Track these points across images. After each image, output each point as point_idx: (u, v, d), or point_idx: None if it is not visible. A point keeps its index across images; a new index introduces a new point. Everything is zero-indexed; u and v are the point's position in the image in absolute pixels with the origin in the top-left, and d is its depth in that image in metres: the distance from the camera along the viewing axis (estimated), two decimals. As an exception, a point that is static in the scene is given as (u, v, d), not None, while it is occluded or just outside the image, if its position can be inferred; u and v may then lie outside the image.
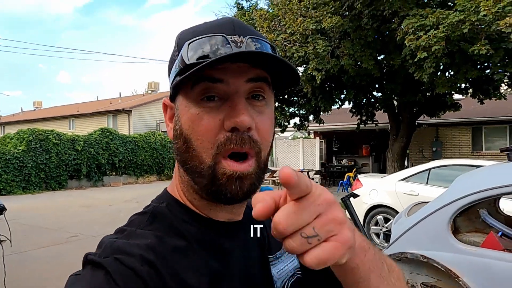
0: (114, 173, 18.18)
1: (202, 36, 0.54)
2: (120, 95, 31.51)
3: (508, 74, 8.18)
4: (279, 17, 9.53)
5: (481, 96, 10.11)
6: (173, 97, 0.59)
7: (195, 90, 0.54)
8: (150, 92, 31.63)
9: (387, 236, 5.89)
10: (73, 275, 0.51)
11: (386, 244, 5.77)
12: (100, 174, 17.40)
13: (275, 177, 13.25)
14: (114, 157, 17.73)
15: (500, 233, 2.74)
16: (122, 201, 11.98)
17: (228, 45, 0.53)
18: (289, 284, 0.64)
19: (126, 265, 0.48)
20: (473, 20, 6.47)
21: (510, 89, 9.90)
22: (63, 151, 15.85)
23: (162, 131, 23.06)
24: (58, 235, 7.16)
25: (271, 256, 0.65)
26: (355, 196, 3.69)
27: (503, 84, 9.59)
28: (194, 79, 0.53)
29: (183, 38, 0.57)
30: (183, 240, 0.56)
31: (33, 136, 15.05)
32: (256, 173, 0.55)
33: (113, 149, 17.68)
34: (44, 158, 15.21)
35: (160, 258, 0.51)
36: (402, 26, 7.58)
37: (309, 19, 8.61)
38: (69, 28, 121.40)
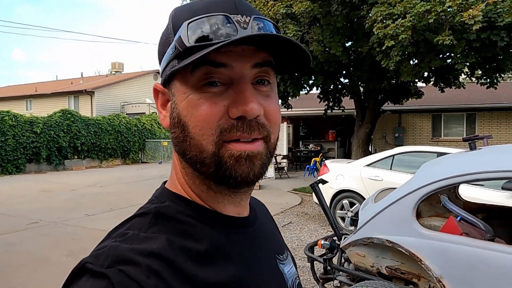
0: (76, 157, 17.56)
1: (202, 16, 0.49)
2: (81, 75, 30.16)
3: (468, 64, 8.52)
4: (249, 0, 9.39)
5: (442, 84, 10.52)
6: (167, 82, 0.54)
7: (195, 75, 0.49)
8: (114, 73, 30.47)
9: (353, 221, 6.08)
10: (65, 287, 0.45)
11: (351, 228, 5.96)
12: (61, 158, 16.74)
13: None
14: (76, 140, 17.09)
15: (459, 218, 2.88)
16: (85, 185, 11.62)
17: (232, 26, 0.48)
18: (296, 285, 0.64)
19: (131, 277, 0.43)
20: (439, 10, 6.65)
21: (469, 78, 10.35)
22: (20, 133, 15.07)
23: (127, 114, 22.40)
24: (16, 222, 6.85)
25: (280, 256, 0.64)
26: (324, 182, 3.75)
27: (462, 74, 10.02)
28: (194, 63, 0.48)
29: (180, 17, 0.51)
30: (192, 241, 0.51)
31: (-13, 117, 14.19)
32: (265, 154, 0.52)
33: (75, 132, 17.02)
34: (-1, 141, 14.42)
35: (168, 266, 0.46)
36: (370, 14, 7.68)
37: (280, 3, 8.54)
38: (24, 2, 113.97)
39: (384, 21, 7.26)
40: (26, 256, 5.05)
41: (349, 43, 9.88)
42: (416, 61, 8.54)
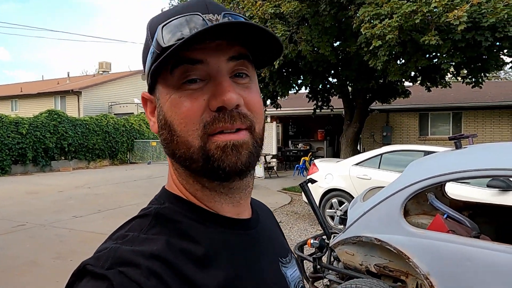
0: (63, 158, 17.31)
1: (175, 17, 0.51)
2: (68, 75, 29.71)
3: (454, 63, 8.64)
4: (237, 0, 9.37)
5: (428, 84, 10.65)
6: (151, 88, 0.56)
7: (175, 75, 0.51)
8: (102, 72, 30.12)
9: (342, 220, 6.13)
10: None
11: (340, 227, 6.00)
12: (47, 159, 16.48)
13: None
14: (63, 140, 16.84)
15: (445, 215, 2.94)
16: (72, 187, 11.46)
17: (204, 23, 0.50)
18: None
19: (132, 279, 0.43)
20: (425, 11, 6.73)
21: (455, 77, 10.51)
22: (5, 134, 14.80)
23: (115, 114, 22.17)
24: (2, 225, 6.73)
25: (283, 259, 0.64)
26: (313, 181, 3.77)
27: (448, 73, 10.17)
28: (173, 63, 0.50)
29: (155, 23, 0.53)
30: (191, 242, 0.51)
31: (-29, 118, 13.91)
32: (252, 143, 0.53)
33: (62, 133, 16.78)
34: (-17, 142, 14.14)
35: (168, 268, 0.46)
36: (358, 14, 7.74)
37: (268, 3, 8.55)
38: (8, 0, 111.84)
39: (372, 21, 7.32)
40: (13, 259, 4.97)
41: (337, 43, 9.94)
42: (403, 61, 8.64)
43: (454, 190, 4.42)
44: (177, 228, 0.52)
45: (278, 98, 12.05)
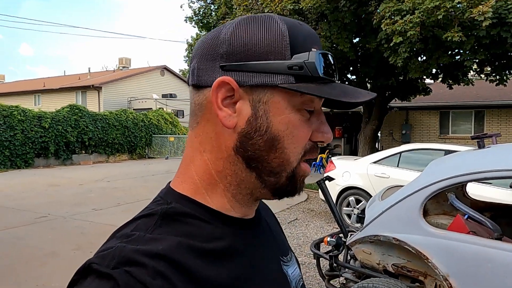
0: (83, 152, 17.68)
1: (328, 52, 0.56)
2: (89, 71, 30.30)
3: (477, 60, 8.42)
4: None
5: (450, 81, 10.42)
6: (253, 85, 0.52)
7: (302, 98, 0.53)
8: (121, 68, 30.58)
9: (359, 218, 6.07)
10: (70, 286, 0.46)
11: (357, 225, 5.95)
12: (69, 153, 16.87)
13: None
14: (83, 135, 17.20)
15: (466, 216, 2.87)
16: (92, 180, 11.71)
17: (335, 69, 0.57)
18: (299, 286, 0.65)
19: (137, 279, 0.43)
20: (448, 6, 6.57)
21: (478, 75, 10.24)
22: (29, 128, 15.21)
23: (134, 109, 22.49)
24: (24, 216, 6.94)
25: (284, 258, 0.65)
26: (330, 179, 3.74)
27: (471, 70, 9.91)
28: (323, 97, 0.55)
29: (297, 36, 0.53)
30: (198, 242, 0.51)
31: (-4, 112, 14.34)
32: None
33: (83, 127, 17.13)
34: (8, 135, 14.55)
35: (174, 268, 0.46)
36: (378, 10, 7.62)
37: (287, -1, 8.49)
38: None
39: (393, 17, 7.19)
40: (34, 250, 5.12)
41: (357, 39, 9.82)
42: (424, 58, 8.47)
43: (476, 190, 4.31)
44: (184, 228, 0.52)
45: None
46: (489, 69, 9.36)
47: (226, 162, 0.55)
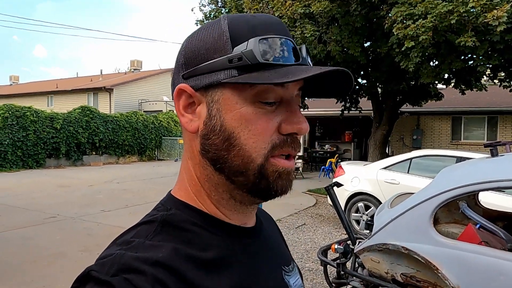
0: (94, 153, 17.87)
1: (272, 36, 0.51)
2: (101, 73, 30.68)
3: (490, 66, 8.29)
4: (267, 0, 9.34)
5: (462, 86, 10.26)
6: (205, 87, 0.53)
7: (255, 90, 0.50)
8: (133, 70, 30.89)
9: (368, 225, 5.99)
10: None
11: (365, 232, 5.87)
12: (79, 153, 17.07)
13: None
14: (94, 136, 17.39)
15: (478, 225, 2.80)
16: (102, 181, 11.80)
17: (295, 53, 0.52)
18: None
19: (137, 286, 0.43)
20: (461, 11, 6.47)
21: (491, 80, 10.08)
22: (41, 129, 15.43)
23: (144, 111, 22.66)
24: (34, 216, 7.01)
25: (286, 268, 0.64)
26: (339, 185, 3.69)
27: (484, 76, 9.75)
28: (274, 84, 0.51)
29: (239, 29, 0.52)
30: (197, 250, 0.51)
31: (9, 112, 14.56)
32: (293, 171, 0.57)
33: (94, 128, 17.32)
34: (21, 136, 14.78)
35: (173, 275, 0.46)
36: (390, 14, 7.55)
37: (298, 3, 8.47)
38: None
39: (404, 21, 7.11)
40: (42, 250, 5.15)
41: (368, 43, 9.74)
42: (437, 63, 8.35)
43: (488, 199, 4.21)
44: (184, 235, 0.52)
45: (306, 98, 11.93)
46: (503, 74, 9.20)
47: (200, 167, 0.56)
